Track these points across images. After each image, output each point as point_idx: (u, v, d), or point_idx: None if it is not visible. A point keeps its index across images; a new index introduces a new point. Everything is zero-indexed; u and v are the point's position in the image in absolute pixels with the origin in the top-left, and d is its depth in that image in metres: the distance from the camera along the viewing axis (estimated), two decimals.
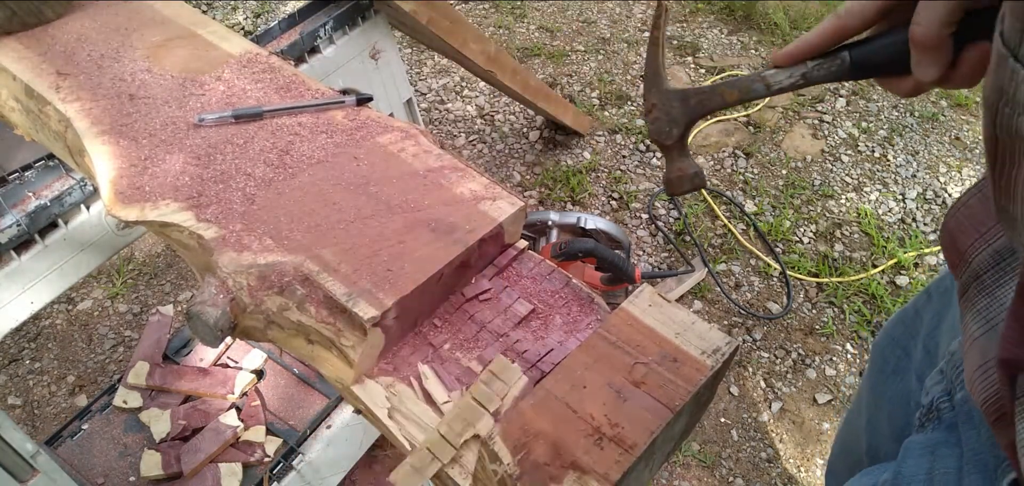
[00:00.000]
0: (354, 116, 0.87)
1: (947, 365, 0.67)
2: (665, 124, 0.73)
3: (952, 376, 0.66)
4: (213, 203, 0.76)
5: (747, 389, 2.04)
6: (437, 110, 2.98)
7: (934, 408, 0.67)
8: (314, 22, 1.67)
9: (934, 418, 0.67)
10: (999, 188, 0.44)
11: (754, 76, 0.69)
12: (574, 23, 3.38)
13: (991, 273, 0.53)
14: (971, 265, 0.55)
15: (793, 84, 0.68)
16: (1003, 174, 0.43)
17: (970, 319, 0.54)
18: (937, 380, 0.68)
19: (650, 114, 0.74)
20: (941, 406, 0.66)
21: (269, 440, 1.63)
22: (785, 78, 0.68)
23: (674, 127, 0.73)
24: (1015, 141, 0.40)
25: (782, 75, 0.68)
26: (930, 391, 0.69)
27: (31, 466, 1.20)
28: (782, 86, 0.68)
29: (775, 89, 0.68)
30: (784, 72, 0.68)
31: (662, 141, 0.74)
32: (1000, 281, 0.52)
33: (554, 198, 2.55)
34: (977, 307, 0.54)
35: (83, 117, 0.88)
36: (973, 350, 0.53)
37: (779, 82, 0.68)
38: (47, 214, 1.25)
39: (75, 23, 1.05)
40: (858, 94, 2.90)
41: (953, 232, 0.57)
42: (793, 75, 0.67)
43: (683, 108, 0.72)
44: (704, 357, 0.63)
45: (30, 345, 2.23)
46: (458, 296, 0.72)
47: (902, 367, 0.90)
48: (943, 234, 0.59)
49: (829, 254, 2.34)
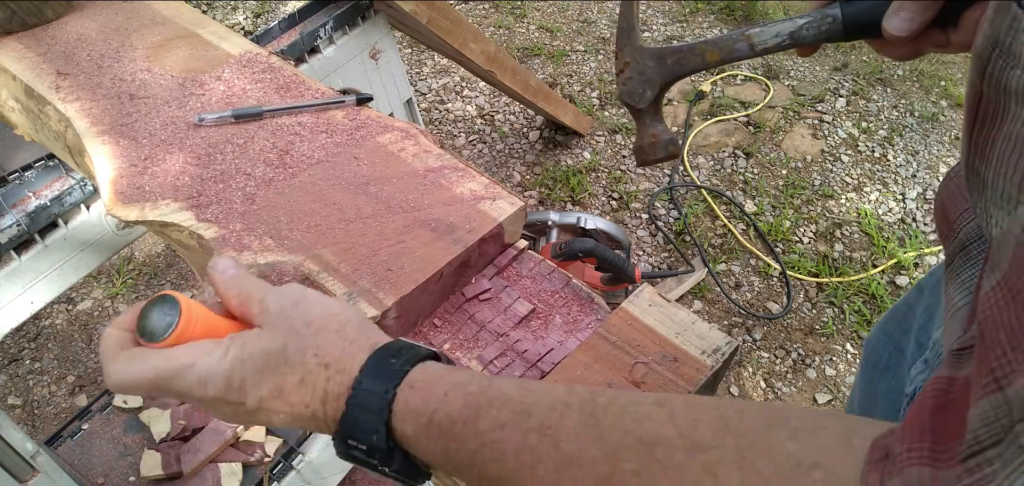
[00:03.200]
0: (354, 116, 0.87)
1: (931, 354, 0.67)
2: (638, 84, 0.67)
3: (934, 364, 0.66)
4: (213, 203, 0.76)
5: (747, 389, 2.04)
6: (437, 110, 2.98)
7: (915, 396, 0.67)
8: (314, 22, 1.67)
9: None
10: (974, 148, 0.43)
11: (737, 35, 0.64)
12: (574, 23, 3.38)
13: (977, 244, 0.52)
14: (958, 235, 0.54)
15: (780, 44, 0.63)
16: (981, 133, 0.41)
17: (954, 290, 0.54)
18: (921, 369, 0.68)
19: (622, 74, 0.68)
20: None
21: (269, 440, 1.63)
22: (771, 37, 0.63)
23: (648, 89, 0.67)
24: (1001, 97, 0.39)
25: (767, 34, 0.63)
26: (914, 380, 0.69)
27: (31, 466, 1.20)
28: (767, 46, 0.64)
29: (760, 49, 0.64)
30: (770, 31, 0.63)
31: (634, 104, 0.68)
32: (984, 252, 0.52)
33: (554, 198, 2.55)
34: (961, 277, 0.53)
35: (83, 117, 0.88)
36: (954, 320, 0.53)
37: (764, 42, 0.64)
38: (47, 214, 1.25)
39: (75, 23, 1.05)
40: (858, 94, 2.91)
41: (944, 202, 0.57)
42: (780, 35, 0.63)
43: (658, 68, 0.67)
44: (704, 357, 0.63)
45: (30, 345, 2.23)
46: (458, 296, 0.72)
47: (895, 363, 0.90)
48: (936, 205, 0.58)
49: (829, 254, 2.34)
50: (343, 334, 0.51)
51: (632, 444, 0.39)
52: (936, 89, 2.94)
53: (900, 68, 3.03)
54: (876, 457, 0.32)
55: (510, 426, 0.43)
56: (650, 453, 0.38)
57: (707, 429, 0.38)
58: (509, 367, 0.65)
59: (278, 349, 0.50)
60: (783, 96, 2.92)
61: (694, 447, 0.37)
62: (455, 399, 0.46)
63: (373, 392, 0.47)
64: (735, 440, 0.36)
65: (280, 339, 0.50)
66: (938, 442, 0.30)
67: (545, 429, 0.42)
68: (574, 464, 0.41)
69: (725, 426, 0.37)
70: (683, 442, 0.38)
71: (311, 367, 0.49)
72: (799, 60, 3.11)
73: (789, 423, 0.36)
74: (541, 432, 0.42)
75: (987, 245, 0.51)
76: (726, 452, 0.36)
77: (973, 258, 0.53)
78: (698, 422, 0.38)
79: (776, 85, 2.96)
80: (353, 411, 0.48)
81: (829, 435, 0.35)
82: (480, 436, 0.44)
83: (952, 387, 0.32)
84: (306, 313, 0.51)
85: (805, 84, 2.97)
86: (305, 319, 0.51)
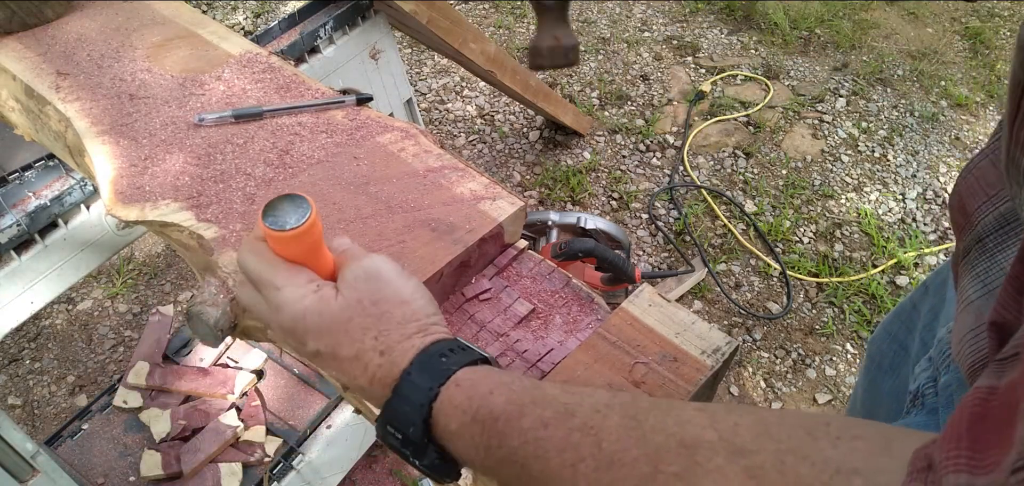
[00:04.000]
0: (354, 116, 0.87)
1: (936, 352, 0.67)
2: None
3: (939, 362, 0.66)
4: (213, 203, 0.76)
5: (747, 389, 2.04)
6: (437, 110, 2.98)
7: (920, 394, 0.67)
8: (314, 22, 1.67)
9: (918, 404, 0.67)
10: (1016, 140, 0.42)
11: None
12: (574, 23, 3.38)
13: (994, 236, 0.52)
14: (976, 228, 0.54)
15: None
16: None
17: (968, 282, 0.54)
18: (925, 367, 0.68)
19: None
20: (926, 392, 0.66)
21: (269, 440, 1.63)
22: None
23: None
24: None
25: None
26: (917, 378, 0.69)
27: (31, 466, 1.20)
28: None
29: None
30: None
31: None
32: (1002, 245, 0.52)
33: (554, 198, 2.55)
34: (976, 270, 0.53)
35: (83, 117, 0.88)
36: (967, 313, 0.53)
37: None
38: (47, 214, 1.25)
39: (75, 23, 1.05)
40: (858, 94, 2.91)
41: (962, 194, 0.57)
42: None
43: None
44: (704, 357, 0.63)
45: (30, 345, 2.23)
46: (458, 296, 0.72)
47: (899, 363, 0.90)
48: (952, 197, 0.58)
49: (829, 254, 2.34)
50: (405, 325, 0.52)
51: (674, 447, 0.40)
52: (936, 89, 2.94)
53: (900, 68, 3.03)
54: (919, 466, 0.32)
55: (553, 424, 0.44)
56: (692, 456, 0.39)
57: (748, 434, 0.38)
58: (509, 367, 0.65)
59: (345, 318, 0.52)
60: (783, 96, 2.92)
61: (735, 451, 0.38)
62: (499, 397, 0.47)
63: (418, 386, 0.49)
64: (775, 445, 0.37)
65: (347, 310, 0.52)
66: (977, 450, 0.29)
67: (588, 429, 0.43)
68: (616, 464, 0.41)
69: (765, 431, 0.38)
70: (724, 445, 0.38)
71: (367, 347, 0.51)
72: (799, 60, 3.11)
73: (830, 430, 0.36)
74: (584, 431, 0.43)
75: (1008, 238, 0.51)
76: (767, 457, 0.37)
77: (989, 251, 0.53)
78: (739, 426, 0.39)
79: (776, 85, 2.96)
80: (396, 401, 0.50)
81: (868, 443, 0.35)
82: (524, 434, 0.45)
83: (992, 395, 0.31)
84: (377, 292, 0.53)
85: (805, 84, 2.97)
86: (374, 298, 0.53)
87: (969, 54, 3.14)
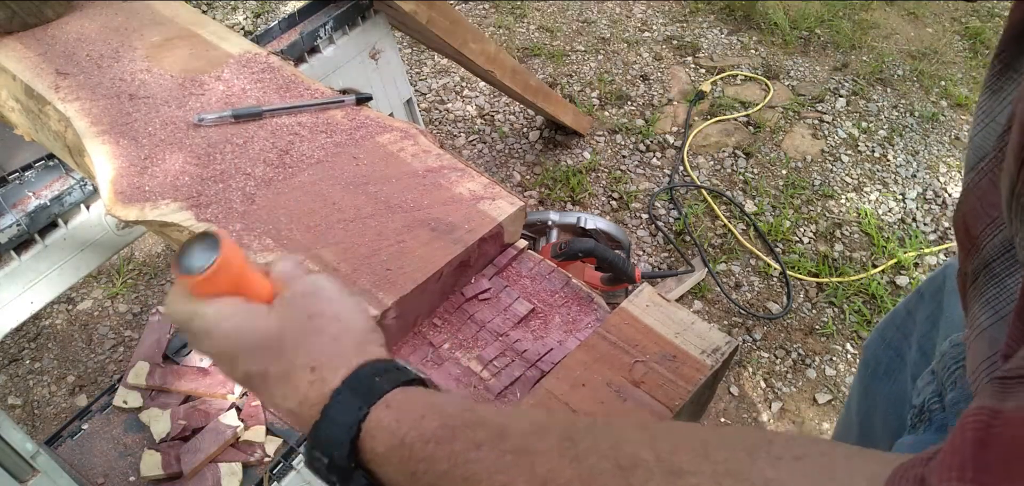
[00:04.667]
0: (354, 116, 0.87)
1: (938, 366, 0.67)
2: None
3: (943, 377, 0.65)
4: (213, 203, 0.76)
5: (747, 389, 2.04)
6: (437, 110, 2.98)
7: (925, 410, 0.67)
8: (314, 22, 1.67)
9: (925, 420, 0.66)
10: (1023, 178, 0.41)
11: None
12: (574, 23, 3.38)
13: (1001, 261, 0.51)
14: (982, 252, 0.53)
15: None
16: None
17: (978, 309, 0.53)
18: (928, 381, 0.68)
19: None
20: (932, 407, 0.66)
21: (269, 440, 1.63)
22: None
23: None
24: None
25: None
26: (921, 392, 0.68)
27: (31, 466, 1.20)
28: None
29: None
30: None
31: None
32: (1009, 270, 0.51)
33: (554, 198, 2.55)
34: (986, 296, 0.52)
35: (83, 117, 0.88)
36: (980, 340, 0.52)
37: None
38: (47, 214, 1.25)
39: (75, 23, 1.05)
40: (858, 94, 2.91)
41: (966, 216, 0.56)
42: None
43: None
44: (704, 357, 0.63)
45: (30, 345, 2.23)
46: (458, 296, 0.72)
47: (895, 368, 0.89)
48: (956, 217, 0.57)
49: (829, 254, 2.34)
50: (339, 341, 0.50)
51: (609, 468, 0.39)
52: (936, 89, 2.94)
53: (900, 68, 3.03)
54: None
55: (486, 446, 0.43)
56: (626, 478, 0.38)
57: (686, 455, 0.38)
58: (509, 367, 0.65)
59: (275, 335, 0.50)
60: (783, 96, 2.92)
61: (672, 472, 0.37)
62: (431, 420, 0.45)
63: (348, 407, 0.47)
64: (712, 467, 0.36)
65: (280, 326, 0.50)
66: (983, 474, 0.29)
67: (522, 451, 0.42)
68: None
69: (704, 453, 0.37)
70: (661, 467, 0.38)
71: (298, 364, 0.49)
72: (799, 60, 3.11)
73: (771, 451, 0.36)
74: (517, 453, 0.42)
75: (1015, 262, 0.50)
76: (703, 478, 0.36)
77: (997, 276, 0.51)
78: (678, 448, 0.38)
79: (776, 85, 2.96)
80: (324, 423, 0.47)
81: (811, 464, 0.35)
82: (454, 457, 0.43)
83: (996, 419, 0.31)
84: (313, 307, 0.51)
85: (805, 84, 2.97)
86: (309, 312, 0.51)
87: (969, 54, 3.14)
